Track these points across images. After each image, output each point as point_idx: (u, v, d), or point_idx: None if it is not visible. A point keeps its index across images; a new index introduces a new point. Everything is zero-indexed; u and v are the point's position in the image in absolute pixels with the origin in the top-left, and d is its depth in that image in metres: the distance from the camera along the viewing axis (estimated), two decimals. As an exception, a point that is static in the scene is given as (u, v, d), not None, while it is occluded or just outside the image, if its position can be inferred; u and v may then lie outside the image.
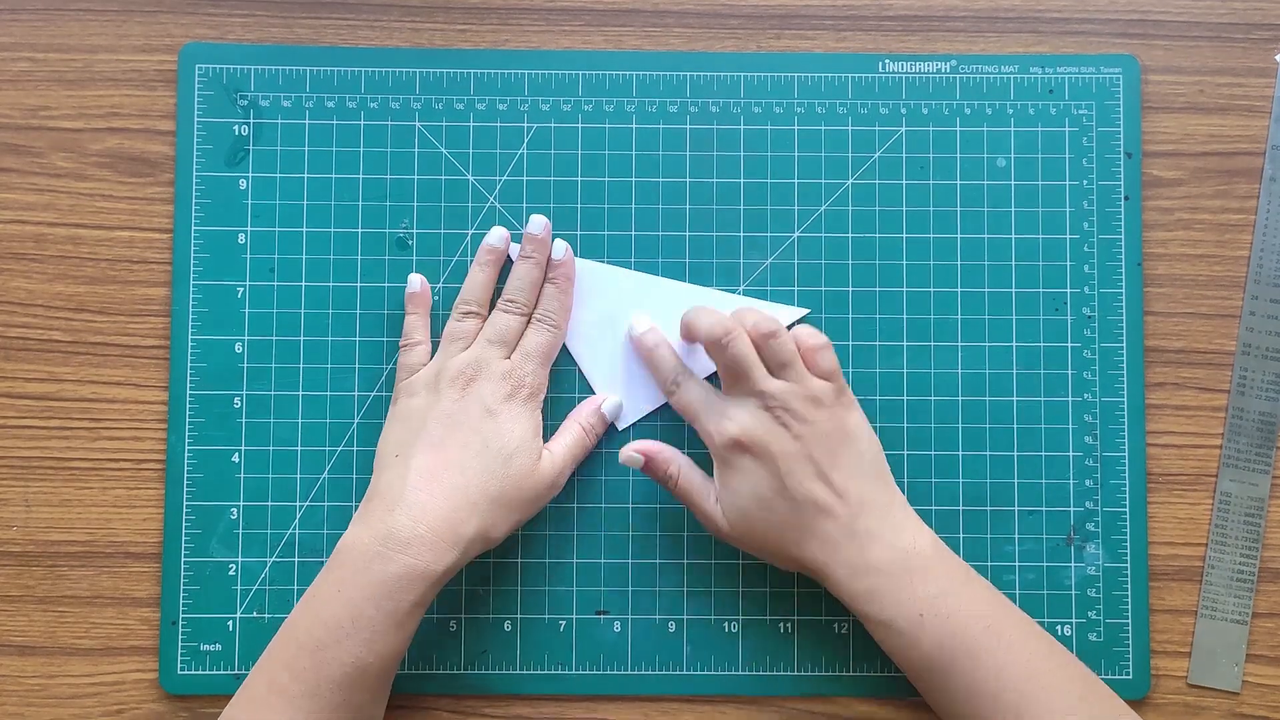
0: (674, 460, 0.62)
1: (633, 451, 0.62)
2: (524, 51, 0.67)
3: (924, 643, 0.57)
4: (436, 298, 0.65)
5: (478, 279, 0.64)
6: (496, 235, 0.64)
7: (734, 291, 0.66)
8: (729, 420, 0.59)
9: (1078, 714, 0.56)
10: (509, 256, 0.65)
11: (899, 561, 0.58)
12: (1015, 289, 0.66)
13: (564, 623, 0.64)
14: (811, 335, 0.60)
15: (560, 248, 0.64)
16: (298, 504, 0.64)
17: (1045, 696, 0.56)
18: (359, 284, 0.65)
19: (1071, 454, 0.65)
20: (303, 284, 0.65)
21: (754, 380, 0.59)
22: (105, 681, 0.64)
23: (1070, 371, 0.65)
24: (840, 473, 0.59)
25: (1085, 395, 0.65)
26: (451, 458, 0.59)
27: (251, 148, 0.66)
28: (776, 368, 0.60)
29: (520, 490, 0.60)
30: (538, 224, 0.64)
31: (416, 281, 0.64)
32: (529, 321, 0.63)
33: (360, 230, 0.66)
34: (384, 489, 0.59)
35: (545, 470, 0.61)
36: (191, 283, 0.65)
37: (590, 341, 0.65)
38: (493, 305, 0.64)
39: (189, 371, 0.65)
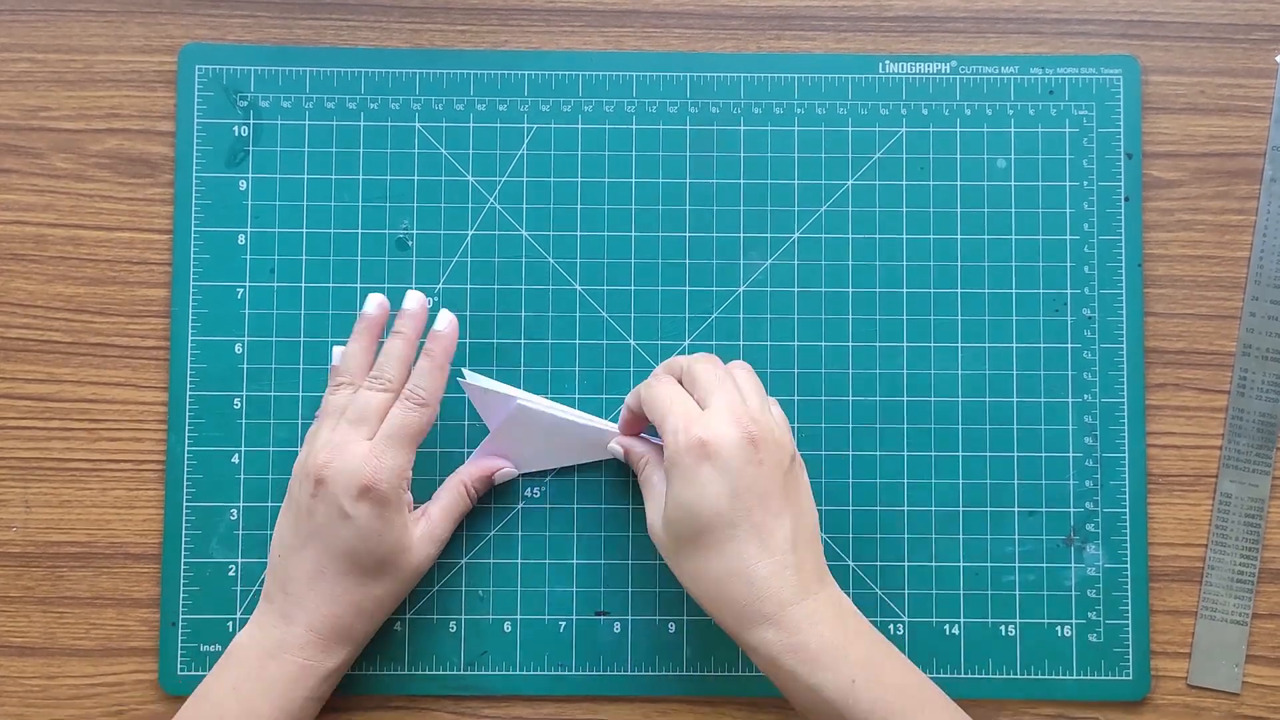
0: (645, 455, 0.60)
1: (615, 445, 0.62)
2: (524, 52, 0.67)
3: (858, 711, 0.53)
4: (436, 298, 0.65)
5: (353, 350, 0.60)
6: (373, 304, 0.61)
7: (734, 290, 0.66)
8: (700, 423, 0.55)
9: None
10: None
11: (836, 634, 0.54)
12: (1015, 290, 0.66)
13: (564, 623, 0.64)
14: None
15: (444, 319, 0.60)
16: (298, 505, 0.64)
17: None
18: (359, 285, 0.65)
19: (1071, 455, 0.65)
20: (303, 285, 0.65)
21: (712, 394, 0.56)
22: (105, 682, 0.64)
23: (1070, 372, 0.65)
24: (780, 534, 0.55)
25: (1085, 396, 0.65)
26: (321, 564, 0.58)
27: (251, 148, 0.66)
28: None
29: (399, 580, 0.59)
30: (413, 299, 0.61)
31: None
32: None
33: (360, 231, 0.66)
34: (274, 593, 0.59)
35: (421, 548, 0.60)
36: (191, 284, 0.65)
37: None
38: None
39: (189, 372, 0.65)
